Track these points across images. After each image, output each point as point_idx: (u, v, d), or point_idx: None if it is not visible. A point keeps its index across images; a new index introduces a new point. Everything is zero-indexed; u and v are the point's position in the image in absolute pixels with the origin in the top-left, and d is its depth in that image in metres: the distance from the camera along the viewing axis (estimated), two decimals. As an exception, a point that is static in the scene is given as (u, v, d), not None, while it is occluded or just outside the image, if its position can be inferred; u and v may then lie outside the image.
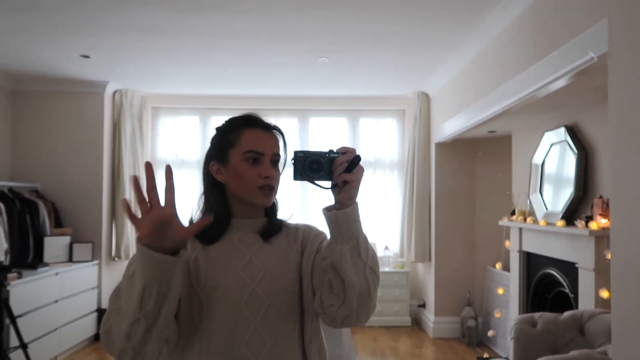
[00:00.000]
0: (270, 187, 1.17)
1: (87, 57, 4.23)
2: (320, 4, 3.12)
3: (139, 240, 0.95)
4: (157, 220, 0.95)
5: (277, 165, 1.21)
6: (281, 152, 1.21)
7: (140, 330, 0.97)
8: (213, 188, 1.22)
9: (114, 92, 5.27)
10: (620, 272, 2.02)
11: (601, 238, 2.88)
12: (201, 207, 1.24)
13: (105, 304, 4.99)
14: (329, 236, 1.09)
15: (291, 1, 3.08)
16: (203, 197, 1.24)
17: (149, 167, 0.99)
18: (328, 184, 1.07)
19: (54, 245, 4.61)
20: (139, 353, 1.00)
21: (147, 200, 0.96)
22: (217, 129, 1.25)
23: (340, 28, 3.54)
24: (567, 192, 3.39)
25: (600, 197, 2.99)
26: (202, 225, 1.03)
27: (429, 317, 5.25)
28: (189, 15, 3.31)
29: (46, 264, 4.33)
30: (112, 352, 1.01)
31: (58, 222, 4.86)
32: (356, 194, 1.05)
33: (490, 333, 4.54)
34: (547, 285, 3.70)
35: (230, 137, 1.19)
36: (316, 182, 1.06)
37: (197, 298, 1.13)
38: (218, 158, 1.20)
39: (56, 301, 4.17)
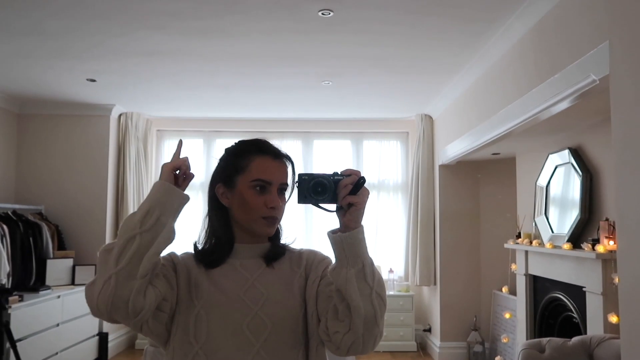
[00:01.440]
0: (274, 218, 1.17)
1: (93, 80, 4.28)
2: (323, 28, 3.16)
3: (160, 178, 1.11)
4: (175, 165, 1.12)
5: (284, 193, 1.20)
6: (289, 181, 1.20)
7: (133, 246, 1.02)
8: (217, 210, 1.21)
9: (120, 115, 5.32)
10: (629, 295, 1.98)
11: (608, 261, 2.84)
12: (206, 227, 1.23)
13: (107, 328, 4.94)
14: (333, 260, 1.08)
15: (294, 25, 3.13)
16: (207, 218, 1.24)
17: (180, 143, 1.20)
18: (333, 206, 1.06)
19: (57, 268, 4.59)
20: (124, 283, 1.01)
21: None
22: (227, 150, 1.23)
23: (342, 52, 3.58)
24: (572, 215, 3.36)
25: (607, 219, 2.96)
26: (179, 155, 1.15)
27: (435, 342, 5.16)
28: (193, 40, 3.36)
29: (48, 287, 4.31)
30: (92, 292, 1.03)
31: (61, 245, 4.85)
32: (361, 217, 1.05)
33: (497, 359, 4.45)
34: (554, 310, 3.63)
35: (238, 162, 1.18)
36: (320, 204, 1.06)
37: (197, 313, 1.12)
38: (225, 182, 1.19)
39: (57, 325, 4.13)
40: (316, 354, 1.16)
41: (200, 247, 1.21)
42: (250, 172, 1.16)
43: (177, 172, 1.12)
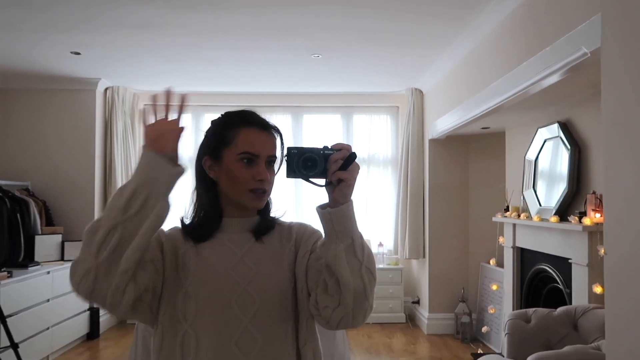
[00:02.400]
0: (262, 191, 1.14)
1: (77, 54, 4.18)
2: (313, 1, 3.10)
3: (145, 146, 1.02)
4: (166, 127, 1.03)
5: (272, 166, 1.17)
6: (277, 153, 1.17)
7: (114, 240, 0.96)
8: (205, 184, 1.18)
9: (106, 90, 5.23)
10: (614, 267, 2.02)
11: (594, 234, 2.89)
12: (194, 201, 1.21)
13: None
14: (323, 234, 1.07)
15: (283, -3, 3.06)
16: (195, 192, 1.21)
17: (167, 93, 1.07)
18: (322, 181, 1.04)
19: (45, 244, 4.57)
20: (103, 278, 0.97)
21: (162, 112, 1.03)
22: (213, 122, 1.21)
23: (333, 24, 3.52)
24: (560, 188, 3.40)
25: (594, 192, 3.00)
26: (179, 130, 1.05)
27: (423, 313, 5.26)
28: (180, 12, 3.28)
29: (37, 263, 4.29)
30: (74, 280, 0.99)
31: (49, 221, 4.81)
32: (351, 192, 1.03)
33: (484, 329, 4.56)
34: (540, 281, 3.71)
35: (225, 134, 1.15)
36: (310, 179, 1.04)
37: (185, 291, 1.10)
38: (211, 154, 1.16)
39: (48, 300, 4.13)
40: (306, 328, 1.16)
41: (187, 221, 1.19)
42: (237, 145, 1.13)
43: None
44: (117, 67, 4.63)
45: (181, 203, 1.23)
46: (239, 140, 1.14)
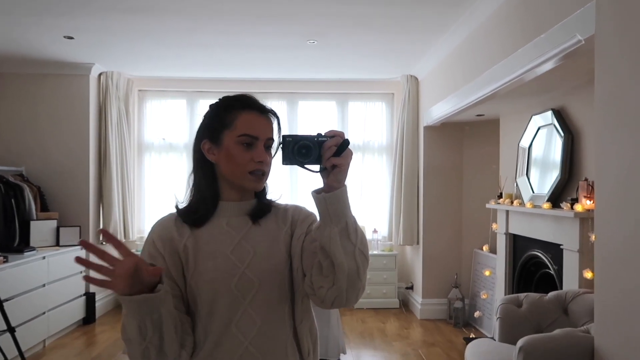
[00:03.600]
0: (262, 173, 1.17)
1: (71, 38, 4.15)
2: (309, -15, 3.08)
3: (119, 294, 0.97)
4: (127, 273, 0.94)
5: (270, 149, 1.20)
6: (275, 136, 1.20)
7: (152, 353, 1.03)
8: (203, 167, 1.20)
9: (99, 75, 5.20)
10: (604, 252, 2.05)
11: (585, 220, 2.92)
12: (191, 185, 1.23)
13: (93, 288, 4.98)
14: (318, 217, 1.09)
15: (279, -18, 3.04)
16: (192, 175, 1.23)
17: (104, 233, 0.97)
18: (317, 167, 1.07)
19: (41, 229, 4.57)
20: None
21: (108, 262, 0.96)
22: (212, 106, 1.23)
23: (328, 9, 3.51)
24: (553, 175, 3.43)
25: (586, 179, 3.03)
26: (159, 272, 1.00)
27: (417, 299, 5.32)
28: (175, -4, 3.26)
29: (33, 248, 4.30)
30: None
31: (44, 206, 4.81)
32: (345, 177, 1.06)
33: (476, 314, 4.62)
34: (532, 267, 3.76)
35: (224, 118, 1.17)
36: (305, 166, 1.06)
37: (188, 284, 1.15)
38: (210, 137, 1.19)
39: (44, 285, 4.15)
40: (301, 306, 1.20)
41: (183, 205, 1.21)
42: (237, 128, 1.16)
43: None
44: (111, 52, 4.60)
45: (173, 191, 1.24)
46: (239, 123, 1.16)
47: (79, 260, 0.96)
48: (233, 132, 1.16)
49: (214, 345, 1.13)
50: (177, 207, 1.22)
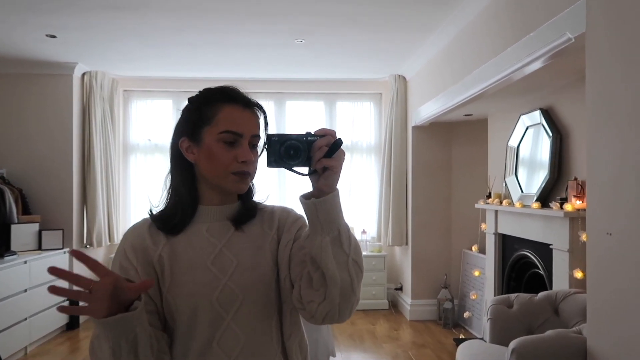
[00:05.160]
0: (246, 173, 1.05)
1: (53, 37, 4.05)
2: (296, -17, 3.04)
3: (97, 318, 0.88)
4: (105, 296, 0.86)
5: (256, 148, 1.08)
6: (261, 133, 1.08)
7: None
8: (181, 167, 1.09)
9: (83, 74, 5.10)
10: (596, 252, 2.03)
11: (575, 219, 2.91)
12: (167, 186, 1.11)
13: (77, 293, 4.88)
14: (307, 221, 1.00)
15: (266, -21, 3.00)
16: (169, 176, 1.12)
17: (77, 255, 0.89)
18: (306, 170, 0.97)
19: (22, 233, 4.46)
20: None
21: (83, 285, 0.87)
22: (191, 100, 1.11)
23: (316, 7, 3.47)
24: (541, 175, 3.42)
25: (575, 179, 3.02)
26: (145, 286, 0.91)
27: (406, 300, 5.30)
28: (159, -7, 3.19)
29: (14, 252, 4.19)
30: None
31: (26, 209, 4.70)
32: (337, 181, 0.95)
33: (466, 315, 4.61)
34: (522, 267, 3.75)
35: (205, 112, 1.06)
36: (293, 168, 0.96)
37: (165, 298, 1.05)
38: (189, 135, 1.07)
39: (25, 290, 4.05)
40: (290, 319, 1.10)
41: (159, 209, 1.10)
42: (218, 124, 1.04)
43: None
44: (95, 51, 4.51)
45: (146, 195, 1.14)
46: (220, 119, 1.05)
47: (54, 290, 0.84)
48: (214, 128, 1.04)
49: None
50: (150, 212, 1.10)
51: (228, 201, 1.12)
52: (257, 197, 1.17)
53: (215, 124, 1.05)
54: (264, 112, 1.12)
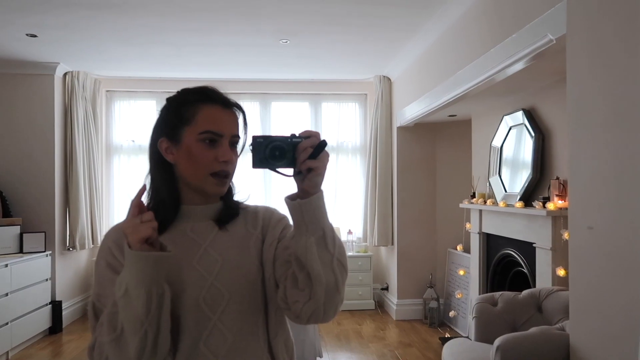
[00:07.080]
0: (225, 174, 1.06)
1: (34, 36, 3.99)
2: (281, -17, 3.04)
3: (131, 248, 0.93)
4: (153, 223, 0.94)
5: (236, 147, 1.09)
6: (241, 133, 1.09)
7: (149, 343, 0.94)
8: (161, 168, 1.09)
9: (65, 74, 5.03)
10: (578, 250, 2.07)
11: (557, 218, 2.96)
12: (148, 186, 1.11)
13: (60, 296, 4.81)
14: (291, 220, 1.01)
15: (250, -21, 2.99)
16: (150, 177, 1.11)
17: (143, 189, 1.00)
18: (290, 171, 0.98)
19: (3, 235, 4.39)
20: None
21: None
22: (169, 99, 1.11)
23: (300, 7, 3.47)
24: (524, 174, 3.47)
25: (557, 178, 3.07)
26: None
27: (392, 299, 5.32)
28: (142, -7, 3.17)
29: (-6, 256, 4.12)
30: None
31: (6, 212, 4.62)
32: (321, 181, 0.97)
33: (451, 313, 4.64)
34: (506, 265, 3.79)
35: (184, 112, 1.06)
36: (278, 169, 0.98)
37: None
38: (168, 135, 1.07)
39: (7, 294, 3.97)
40: (275, 318, 1.11)
41: None
42: (198, 124, 1.04)
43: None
44: (77, 51, 4.45)
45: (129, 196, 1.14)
46: (200, 119, 1.05)
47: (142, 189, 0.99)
48: (194, 128, 1.04)
49: None
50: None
51: (210, 201, 1.12)
52: (238, 197, 1.17)
53: (194, 124, 1.05)
54: (243, 112, 1.12)
